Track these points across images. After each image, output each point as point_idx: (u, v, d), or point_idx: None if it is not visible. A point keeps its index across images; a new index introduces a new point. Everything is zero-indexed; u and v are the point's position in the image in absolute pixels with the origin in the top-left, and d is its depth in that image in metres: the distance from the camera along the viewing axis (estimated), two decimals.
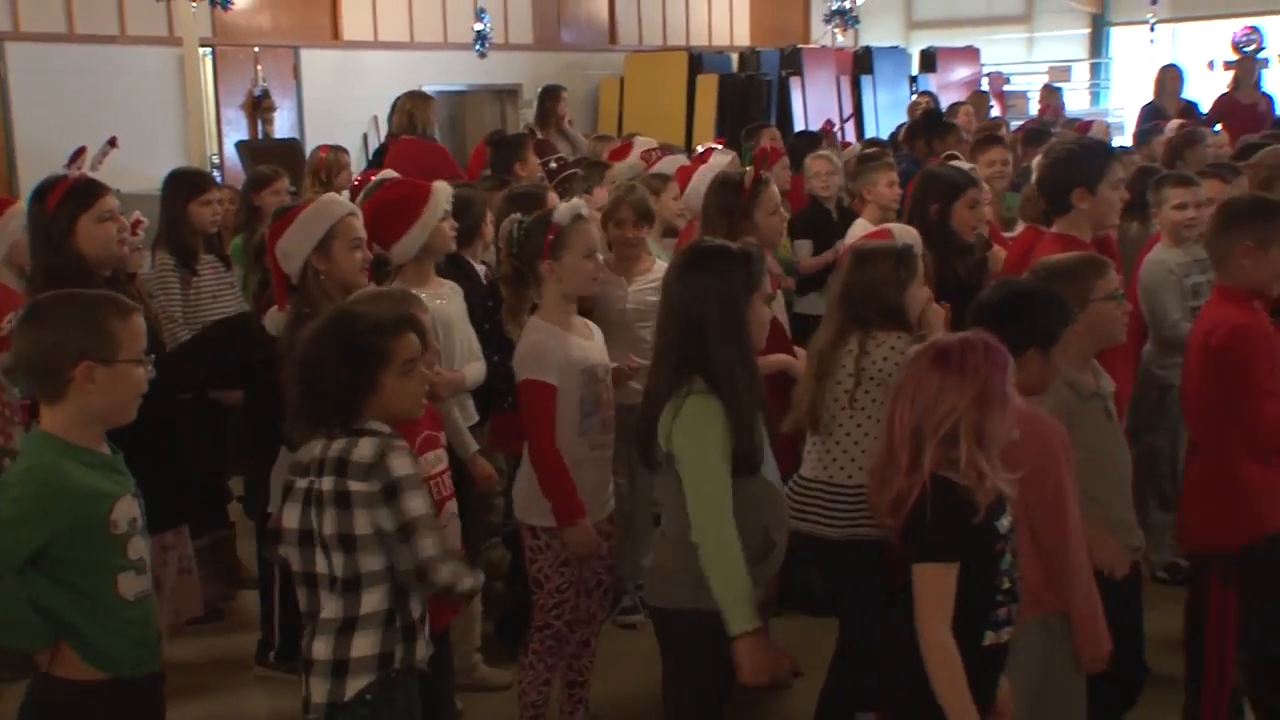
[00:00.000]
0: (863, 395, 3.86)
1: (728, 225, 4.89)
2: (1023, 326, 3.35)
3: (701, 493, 3.24)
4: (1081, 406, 3.62)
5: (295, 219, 4.28)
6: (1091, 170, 4.47)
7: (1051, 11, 19.10)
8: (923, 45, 17.17)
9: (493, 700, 4.74)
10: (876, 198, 6.18)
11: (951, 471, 2.88)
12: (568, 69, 14.37)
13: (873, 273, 3.94)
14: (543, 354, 4.01)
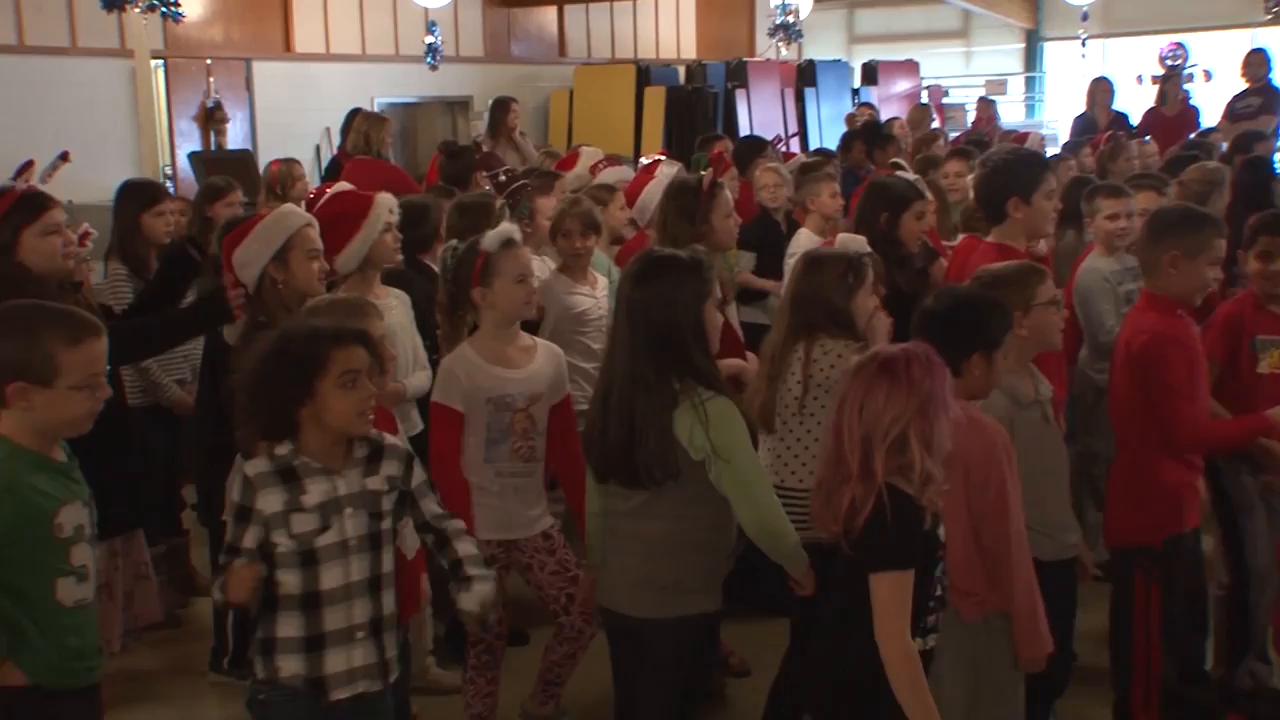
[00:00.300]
0: (811, 401, 3.87)
1: (688, 227, 4.92)
2: (967, 332, 3.39)
3: (754, 485, 3.32)
4: (1021, 413, 3.66)
5: (253, 229, 4.26)
6: (1026, 180, 4.52)
7: (988, 27, 19.33)
8: (864, 59, 17.31)
9: (447, 703, 4.71)
10: (819, 207, 6.20)
11: (900, 479, 2.90)
12: (518, 81, 14.36)
13: (823, 278, 3.95)
14: (451, 380, 4.00)
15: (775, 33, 14.14)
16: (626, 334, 3.37)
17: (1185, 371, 3.96)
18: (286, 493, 3.03)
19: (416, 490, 3.24)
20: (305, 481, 3.04)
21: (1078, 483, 5.70)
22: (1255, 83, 10.85)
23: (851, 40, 20.20)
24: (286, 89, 12.65)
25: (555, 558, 4.17)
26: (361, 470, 3.12)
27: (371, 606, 3.11)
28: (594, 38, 16.42)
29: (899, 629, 2.87)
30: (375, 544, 3.12)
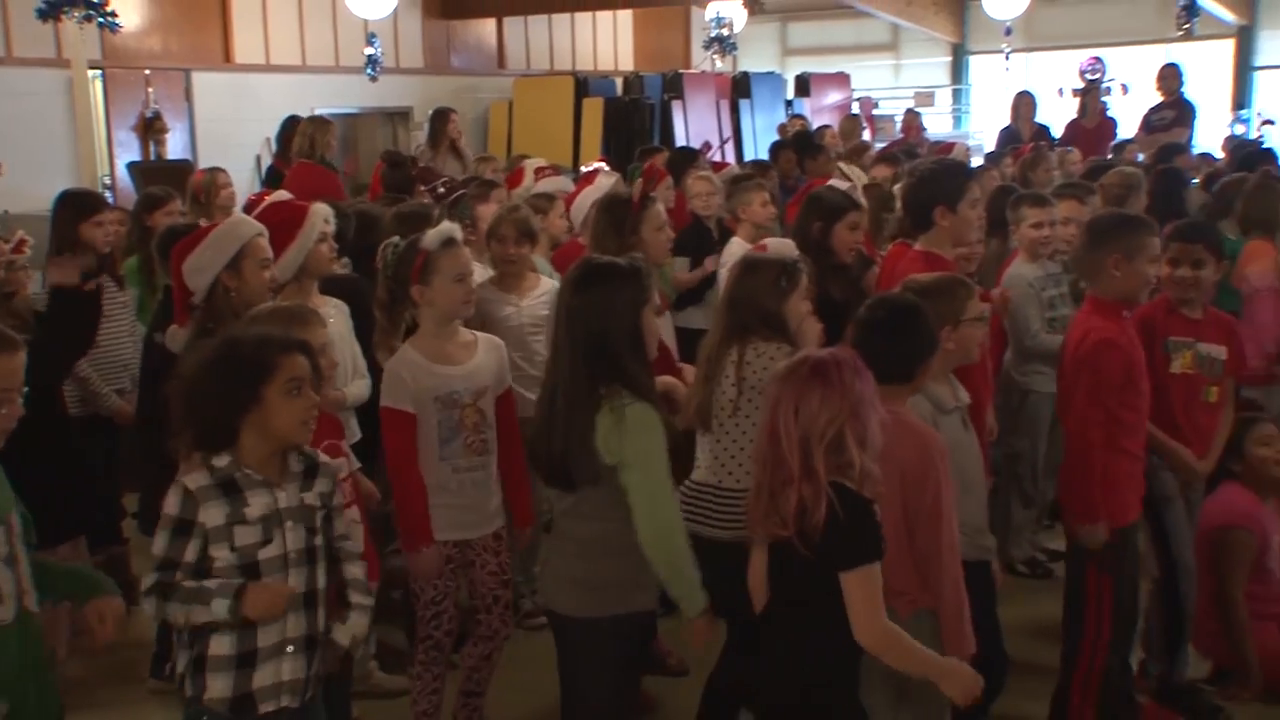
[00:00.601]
0: (746, 403, 3.88)
1: (617, 240, 4.92)
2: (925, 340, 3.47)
3: (657, 498, 3.30)
4: (942, 418, 3.71)
5: (206, 237, 4.23)
6: (951, 190, 4.56)
7: (916, 41, 19.54)
8: (797, 71, 17.43)
9: (390, 707, 4.69)
10: (751, 216, 6.23)
11: (841, 477, 2.94)
12: (458, 92, 14.30)
13: (757, 282, 3.97)
14: (398, 383, 3.98)
15: (710, 45, 14.22)
16: (565, 339, 3.38)
17: (1120, 375, 4.04)
18: (229, 505, 2.98)
19: (335, 508, 3.20)
20: (247, 494, 2.99)
21: (1005, 483, 5.80)
22: (1169, 96, 11.04)
23: (785, 53, 20.34)
24: (226, 99, 12.51)
25: (497, 559, 4.18)
26: (299, 485, 3.10)
27: (305, 621, 3.07)
28: (532, 50, 16.40)
29: (879, 620, 2.95)
30: (311, 558, 3.08)
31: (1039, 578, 5.85)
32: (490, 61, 15.87)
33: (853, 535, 2.91)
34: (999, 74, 16.50)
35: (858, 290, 5.29)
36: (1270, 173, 7.21)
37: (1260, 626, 4.69)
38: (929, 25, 18.83)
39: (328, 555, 3.14)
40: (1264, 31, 17.45)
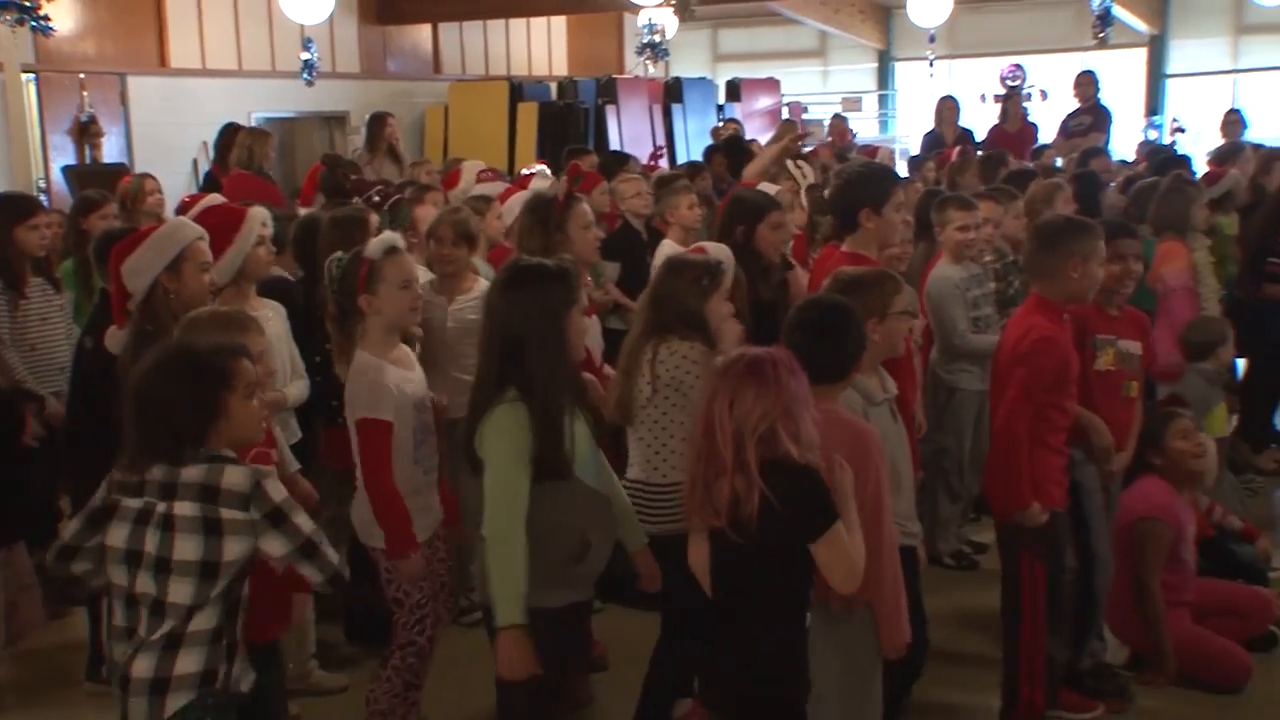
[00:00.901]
0: (662, 400, 3.91)
1: (542, 240, 4.89)
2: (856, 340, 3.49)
3: (495, 494, 3.27)
4: (872, 410, 3.74)
5: (146, 240, 4.18)
6: (877, 193, 4.59)
7: (843, 47, 19.71)
8: (728, 76, 17.51)
9: (329, 704, 4.65)
10: (679, 219, 6.23)
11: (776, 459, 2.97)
12: (394, 97, 14.19)
13: (680, 281, 3.98)
14: (379, 392, 3.88)
15: (643, 51, 14.20)
16: (485, 338, 3.40)
17: (1054, 373, 4.10)
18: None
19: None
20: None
21: (932, 478, 5.86)
22: (1086, 102, 11.21)
23: (716, 59, 20.42)
24: (162, 104, 12.32)
25: (444, 547, 4.19)
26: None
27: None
28: (468, 55, 16.32)
29: (854, 570, 3.02)
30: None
31: (964, 569, 5.92)
32: (426, 67, 15.78)
33: (808, 508, 2.96)
34: (923, 80, 16.67)
35: (785, 292, 5.32)
36: (1182, 176, 7.33)
37: (1174, 614, 4.77)
38: (856, 32, 18.99)
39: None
40: (1174, 41, 17.80)
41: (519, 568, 3.24)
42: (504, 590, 3.24)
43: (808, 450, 2.97)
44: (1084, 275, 4.18)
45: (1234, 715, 4.57)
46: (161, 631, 2.92)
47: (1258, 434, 7.36)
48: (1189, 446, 4.92)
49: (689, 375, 3.86)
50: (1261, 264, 7.04)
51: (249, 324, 3.70)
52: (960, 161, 8.31)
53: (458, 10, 15.24)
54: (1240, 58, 17.61)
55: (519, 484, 3.26)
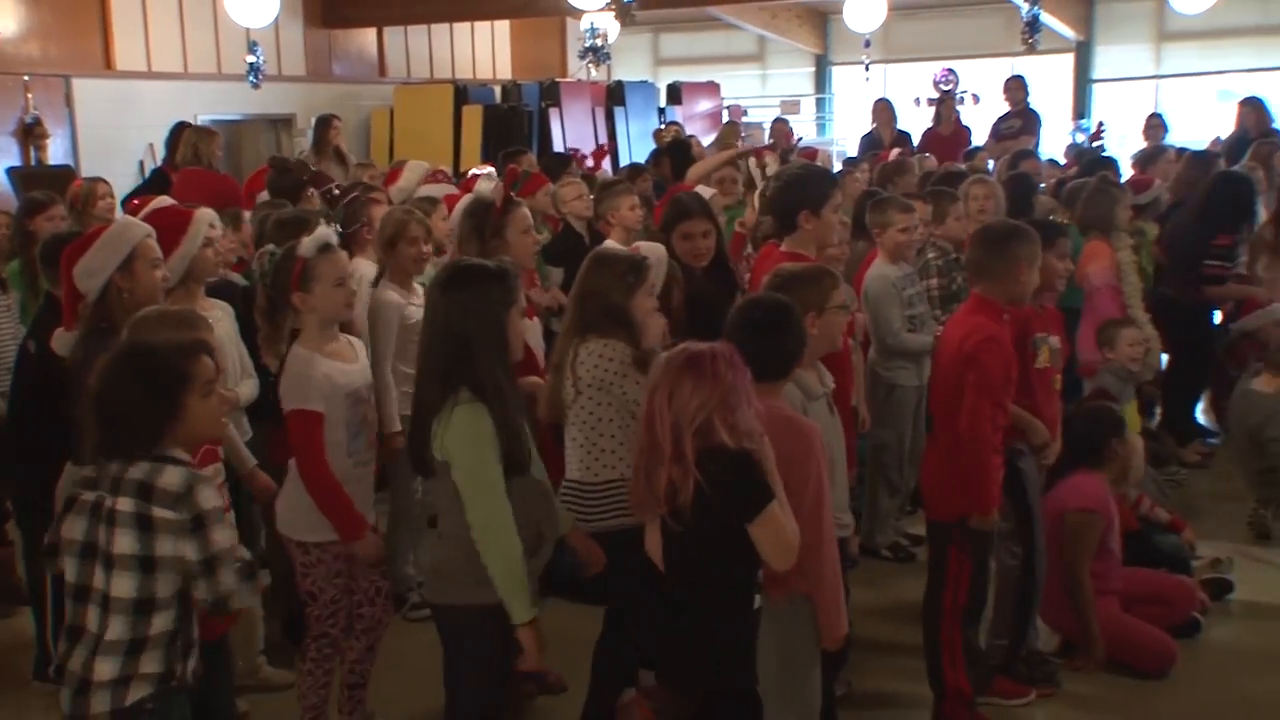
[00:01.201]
0: (586, 400, 3.89)
1: (479, 243, 4.87)
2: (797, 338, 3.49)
3: (480, 496, 3.24)
4: (810, 404, 3.76)
5: (96, 240, 4.13)
6: (815, 195, 4.61)
7: (781, 52, 19.79)
8: (669, 80, 17.52)
9: (278, 700, 4.61)
10: (620, 220, 6.22)
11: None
12: (340, 100, 14.07)
13: (605, 275, 3.95)
14: (307, 383, 3.87)
15: (585, 55, 14.18)
16: (428, 336, 3.38)
17: (1001, 373, 4.14)
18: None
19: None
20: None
21: (871, 472, 5.91)
22: (1016, 105, 11.34)
23: (657, 62, 20.44)
24: (108, 106, 12.12)
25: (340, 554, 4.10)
26: None
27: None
28: (413, 58, 16.21)
29: (790, 548, 3.02)
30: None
31: (901, 561, 5.97)
32: (371, 70, 15.66)
33: (741, 490, 2.97)
34: (859, 84, 16.78)
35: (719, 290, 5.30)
36: (1107, 178, 7.45)
37: (1102, 602, 4.85)
38: (793, 37, 19.08)
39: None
40: (1100, 47, 18.05)
41: (519, 565, 3.26)
42: (514, 588, 3.25)
43: (745, 438, 2.98)
44: (1029, 278, 4.25)
45: (1159, 699, 4.64)
46: (119, 634, 2.89)
47: (1182, 427, 7.49)
48: (1129, 448, 5.07)
49: (608, 374, 3.83)
50: (1197, 266, 7.14)
51: (198, 322, 3.67)
52: (897, 163, 8.38)
53: (402, 14, 15.14)
54: (1162, 64, 17.90)
55: (498, 484, 3.26)
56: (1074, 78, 18.14)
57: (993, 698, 4.50)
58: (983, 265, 4.29)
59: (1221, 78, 17.21)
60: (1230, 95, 15.53)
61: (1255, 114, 10.35)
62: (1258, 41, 17.03)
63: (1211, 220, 7.20)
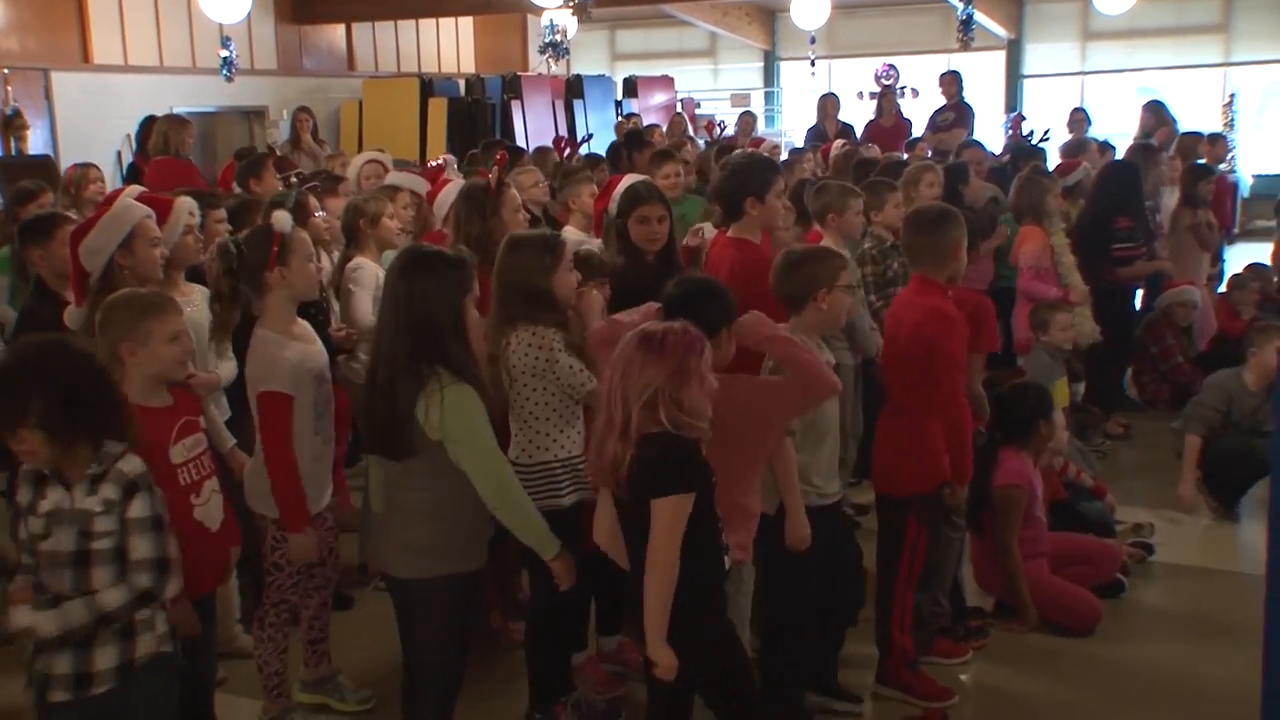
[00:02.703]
0: (522, 388, 3.79)
1: (480, 224, 4.84)
2: (714, 310, 3.43)
3: (489, 466, 3.29)
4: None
5: (99, 221, 4.18)
6: (760, 182, 4.57)
7: (732, 48, 19.77)
8: (625, 74, 17.44)
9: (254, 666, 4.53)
10: (580, 207, 6.15)
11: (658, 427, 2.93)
12: (310, 92, 13.92)
13: (522, 258, 3.81)
14: (277, 366, 3.78)
15: (545, 50, 14.09)
16: (390, 321, 3.30)
17: (962, 347, 4.15)
18: (30, 494, 2.92)
19: (131, 524, 2.90)
20: (46, 487, 2.90)
21: None
22: (951, 99, 11.36)
23: (614, 57, 20.35)
24: (85, 98, 11.91)
25: (333, 516, 4.15)
26: (85, 487, 2.88)
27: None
28: (380, 53, 16.07)
29: (673, 546, 2.91)
30: (82, 561, 2.85)
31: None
32: (340, 64, 15.49)
33: (660, 468, 2.91)
34: (805, 78, 16.78)
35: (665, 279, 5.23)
36: (1038, 167, 7.48)
37: (1033, 564, 4.87)
38: (743, 34, 19.05)
39: (117, 562, 2.88)
40: (1030, 44, 18.16)
41: (537, 514, 3.40)
42: (540, 535, 3.39)
43: (691, 417, 2.92)
44: (961, 259, 4.27)
45: (1087, 655, 4.68)
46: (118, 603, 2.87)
47: (1107, 400, 7.55)
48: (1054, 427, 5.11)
49: (539, 361, 3.73)
50: (1107, 250, 7.19)
51: (166, 305, 3.59)
52: (845, 153, 8.36)
53: (370, 10, 15.00)
54: (1087, 61, 18.03)
55: (500, 455, 3.34)
56: (1006, 73, 18.24)
57: (933, 657, 4.51)
58: (923, 247, 4.27)
59: (1141, 75, 17.38)
60: (1148, 91, 15.70)
61: (1155, 117, 10.48)
62: (1175, 41, 17.21)
63: (1108, 206, 7.31)
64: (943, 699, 4.26)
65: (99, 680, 2.90)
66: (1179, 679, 4.48)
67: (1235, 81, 17.03)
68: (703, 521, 2.98)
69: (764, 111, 19.28)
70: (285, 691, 4.19)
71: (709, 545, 3.03)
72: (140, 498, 2.90)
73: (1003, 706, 4.35)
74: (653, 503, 2.92)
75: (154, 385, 3.43)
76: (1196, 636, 4.84)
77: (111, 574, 2.87)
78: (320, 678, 4.32)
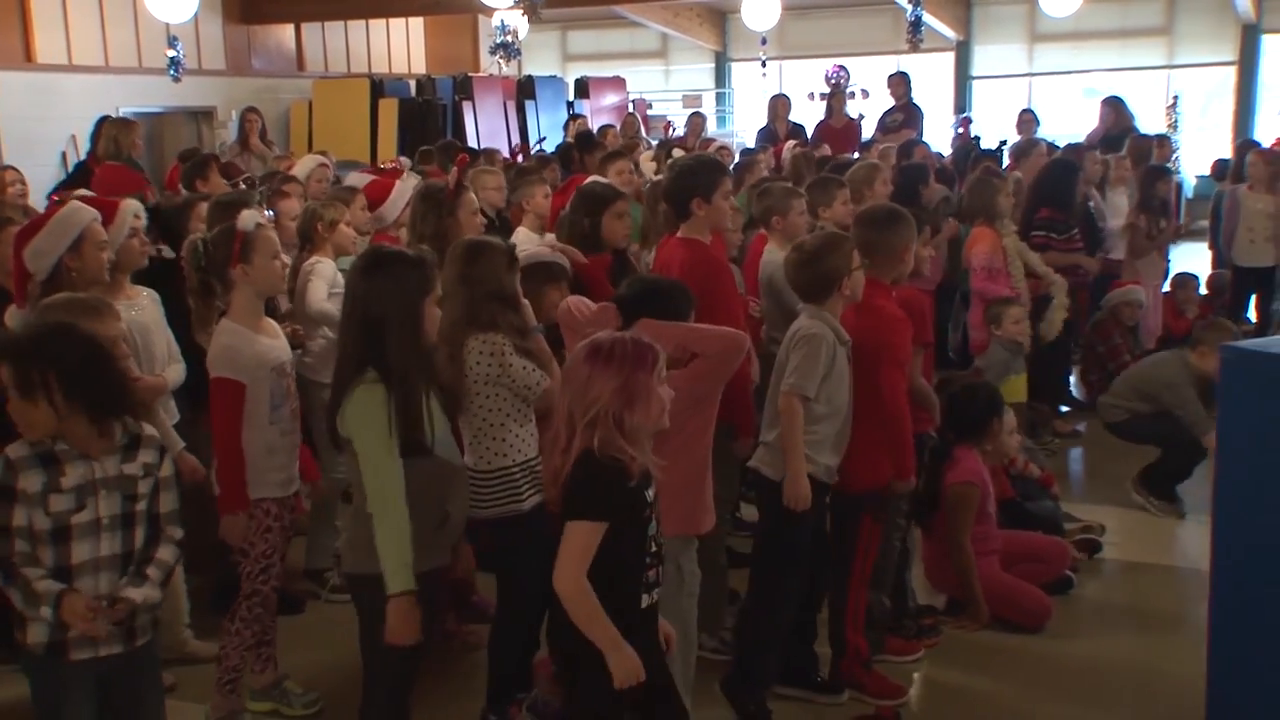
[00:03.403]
0: (477, 395, 3.81)
1: (435, 225, 4.83)
2: (671, 308, 3.50)
3: (373, 470, 3.20)
4: (839, 347, 3.95)
5: (46, 224, 4.22)
6: (707, 183, 4.58)
7: (683, 49, 19.83)
8: (577, 75, 17.42)
9: (205, 672, 4.47)
10: (534, 208, 6.14)
11: (605, 448, 2.86)
12: (259, 93, 13.78)
13: (487, 264, 3.85)
14: (234, 354, 3.87)
15: (496, 51, 14.03)
16: (347, 319, 3.32)
17: (906, 346, 4.21)
18: (45, 475, 2.99)
19: (163, 481, 3.17)
20: (65, 465, 3.01)
21: None
22: (899, 100, 11.44)
23: (565, 58, 20.34)
24: (29, 98, 11.70)
25: (291, 516, 4.14)
26: (119, 456, 3.09)
27: (118, 581, 3.08)
28: (330, 53, 15.95)
29: (572, 570, 2.82)
30: (129, 523, 3.10)
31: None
32: (290, 64, 15.35)
33: (580, 490, 2.85)
34: (756, 79, 16.85)
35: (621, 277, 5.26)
36: (990, 168, 7.55)
37: (983, 562, 4.92)
38: (694, 35, 19.10)
39: (150, 520, 3.13)
40: (978, 46, 18.36)
41: (405, 538, 3.18)
42: (393, 560, 3.16)
43: (628, 442, 2.84)
44: (909, 259, 4.35)
45: (1036, 651, 4.73)
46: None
47: (1055, 399, 7.62)
48: (1006, 427, 5.17)
49: (492, 369, 3.77)
50: (1027, 236, 7.19)
51: (103, 309, 3.67)
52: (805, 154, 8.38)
53: (320, 10, 14.89)
54: (1034, 62, 18.25)
55: (390, 460, 3.20)
56: (954, 74, 18.43)
57: (886, 656, 4.55)
58: (871, 245, 4.30)
59: (1087, 76, 17.62)
60: (1094, 93, 15.91)
61: (1115, 112, 10.62)
62: (1120, 43, 17.49)
63: (1036, 196, 7.52)
64: (895, 696, 4.30)
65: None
66: (1128, 674, 4.54)
67: (1178, 84, 17.33)
68: (618, 556, 2.87)
69: (715, 112, 19.34)
70: (239, 690, 4.17)
71: (623, 581, 2.91)
72: (168, 458, 3.20)
73: (955, 704, 4.39)
74: (567, 525, 2.86)
75: None
76: (1144, 632, 4.90)
77: (146, 532, 3.13)
78: (268, 684, 4.29)
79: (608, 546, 2.84)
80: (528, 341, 3.85)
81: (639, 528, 2.92)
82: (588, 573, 2.83)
